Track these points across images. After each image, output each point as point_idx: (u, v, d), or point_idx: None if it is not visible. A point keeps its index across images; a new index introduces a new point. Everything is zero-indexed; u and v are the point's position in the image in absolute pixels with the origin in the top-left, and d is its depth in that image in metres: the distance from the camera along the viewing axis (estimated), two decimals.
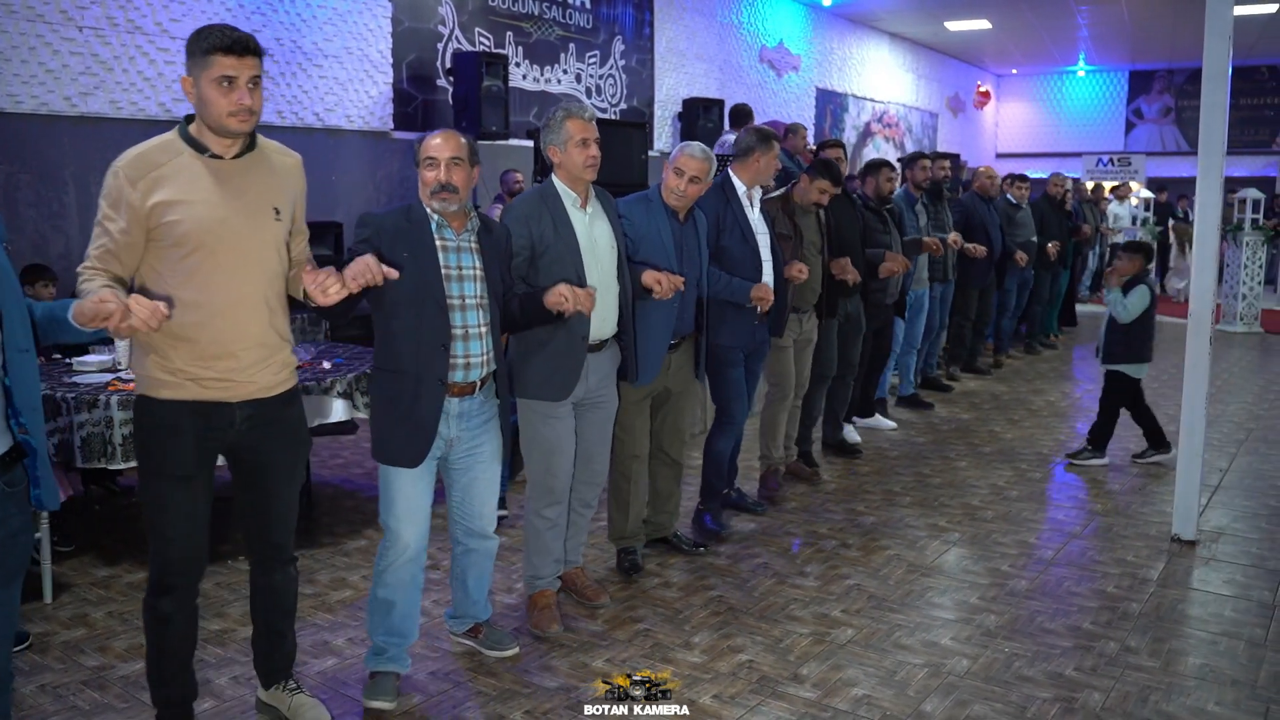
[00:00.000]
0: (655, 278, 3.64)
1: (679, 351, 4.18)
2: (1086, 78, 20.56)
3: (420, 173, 3.08)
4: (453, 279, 3.08)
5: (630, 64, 10.75)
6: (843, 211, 5.65)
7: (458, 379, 3.11)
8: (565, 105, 3.56)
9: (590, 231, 3.61)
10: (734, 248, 4.53)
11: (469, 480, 3.27)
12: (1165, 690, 3.32)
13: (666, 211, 4.05)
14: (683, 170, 4.00)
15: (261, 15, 7.10)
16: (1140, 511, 5.21)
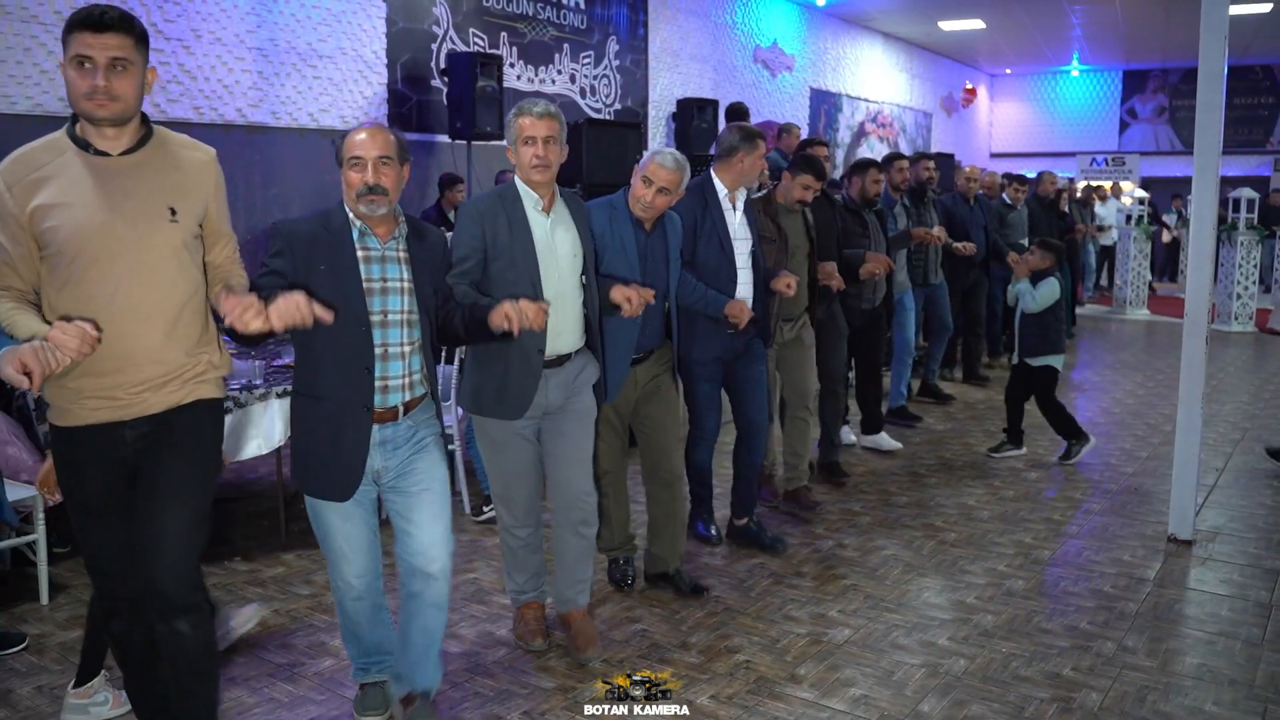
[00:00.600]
0: (625, 294, 3.30)
1: (645, 366, 3.91)
2: (1080, 77, 20.60)
3: (344, 174, 2.77)
4: (375, 293, 2.77)
5: (625, 64, 10.74)
6: (820, 213, 5.31)
7: (375, 404, 2.80)
8: (520, 102, 3.29)
9: (550, 237, 3.29)
10: (709, 256, 4.20)
11: (405, 509, 2.91)
12: (1163, 690, 3.32)
13: (632, 219, 3.74)
14: (651, 179, 3.67)
15: (256, 16, 7.08)
16: (1136, 511, 5.21)
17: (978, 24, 15.36)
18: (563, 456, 3.46)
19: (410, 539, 2.91)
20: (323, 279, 2.71)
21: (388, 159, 2.75)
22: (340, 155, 2.78)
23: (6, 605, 3.94)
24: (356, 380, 2.76)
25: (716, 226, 4.20)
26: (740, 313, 4.10)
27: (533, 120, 3.20)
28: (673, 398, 4.03)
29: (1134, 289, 13.61)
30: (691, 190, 4.09)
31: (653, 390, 3.95)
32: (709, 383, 4.33)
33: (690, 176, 3.83)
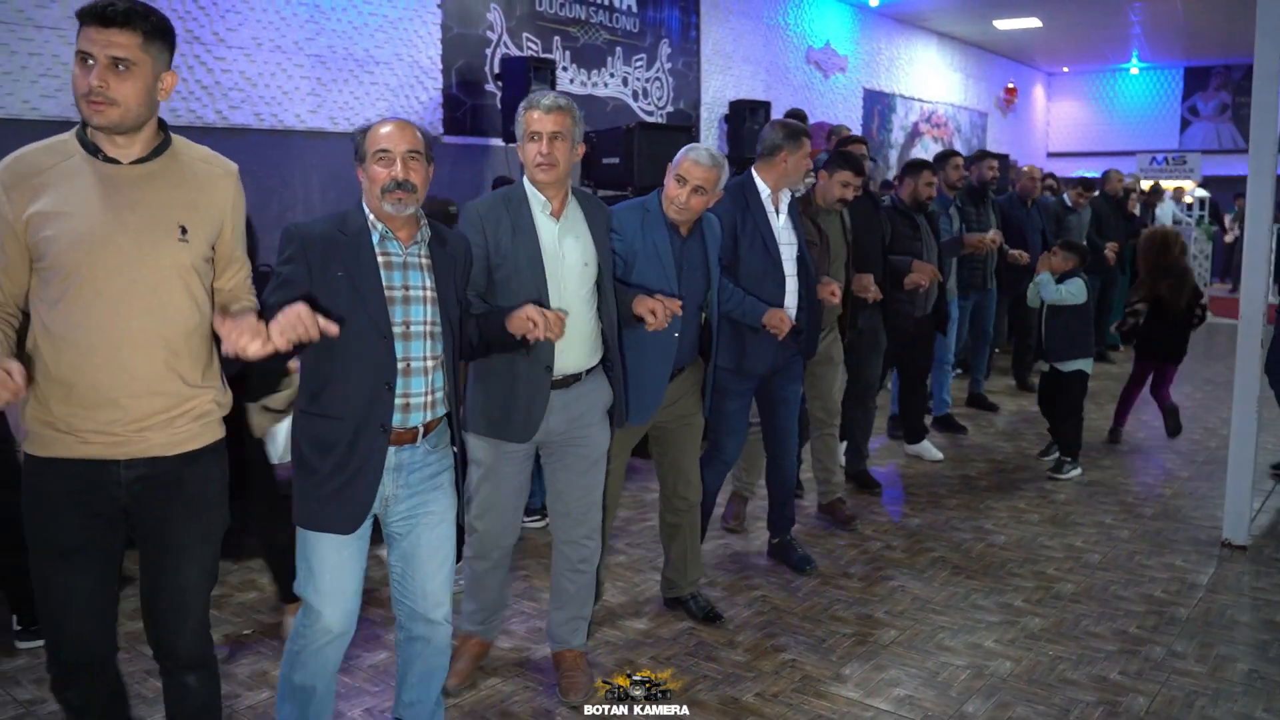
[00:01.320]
0: (649, 306, 3.07)
1: (674, 383, 3.59)
2: (1140, 75, 20.23)
3: (367, 168, 2.52)
4: (397, 301, 2.53)
5: (677, 67, 10.79)
6: (863, 215, 5.04)
7: (394, 423, 2.54)
8: (529, 95, 3.02)
9: (558, 244, 3.02)
10: (753, 260, 3.94)
11: (410, 549, 2.66)
12: (1211, 695, 3.30)
13: (666, 223, 3.45)
14: (685, 178, 3.40)
15: (315, 24, 7.25)
16: (1191, 515, 5.15)
17: (1034, 22, 15.18)
18: (563, 489, 3.22)
19: (412, 582, 2.68)
20: (340, 286, 2.48)
21: (416, 154, 2.52)
22: (362, 150, 2.54)
23: None
24: (376, 397, 2.50)
25: (760, 229, 3.95)
26: (780, 323, 3.79)
27: (540, 114, 2.95)
28: (698, 419, 3.75)
29: None
30: (731, 190, 3.87)
31: (679, 409, 3.66)
32: (739, 400, 4.06)
33: (730, 176, 3.66)
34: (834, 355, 4.82)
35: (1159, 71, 20.09)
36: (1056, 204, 8.59)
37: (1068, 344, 5.80)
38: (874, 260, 5.11)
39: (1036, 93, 20.60)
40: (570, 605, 3.33)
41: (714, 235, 3.67)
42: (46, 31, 5.87)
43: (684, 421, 3.70)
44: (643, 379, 3.42)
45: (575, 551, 3.28)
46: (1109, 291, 9.39)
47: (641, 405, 3.44)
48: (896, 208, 5.68)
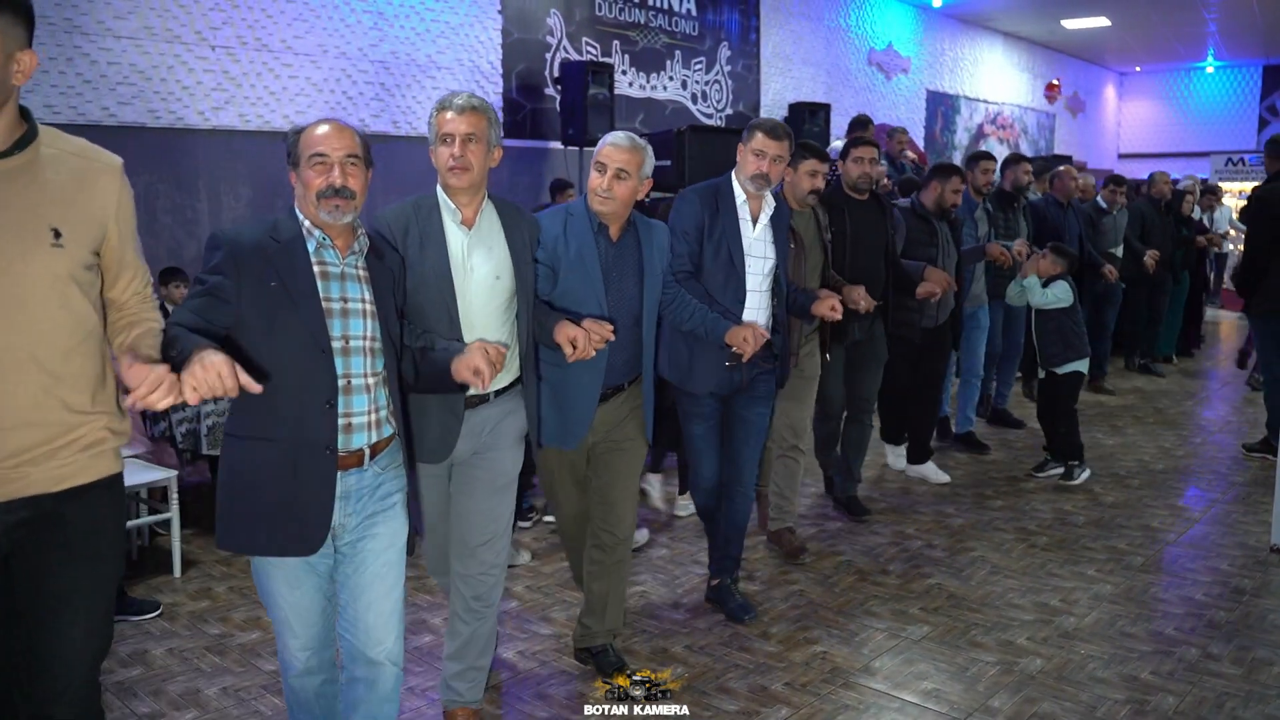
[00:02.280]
0: (569, 335, 2.81)
1: (611, 405, 3.28)
2: (1216, 74, 19.75)
3: (301, 173, 2.33)
4: (335, 314, 2.33)
5: (736, 69, 10.87)
6: (863, 217, 4.75)
7: (338, 445, 2.35)
8: (442, 96, 2.77)
9: (466, 256, 2.77)
10: (715, 269, 3.61)
11: (351, 575, 2.43)
12: (1243, 698, 3.30)
13: (593, 228, 3.15)
14: (605, 164, 3.10)
15: (378, 30, 7.48)
16: (1241, 520, 5.10)
17: (1103, 22, 14.95)
18: (464, 514, 2.91)
19: (356, 616, 2.44)
20: (275, 297, 2.27)
21: (355, 158, 2.34)
22: (295, 152, 2.35)
23: (143, 577, 4.32)
24: (317, 417, 2.30)
25: (727, 237, 3.62)
26: (745, 341, 3.40)
27: (452, 115, 2.71)
28: (637, 444, 3.39)
29: None
30: (701, 192, 3.66)
31: (615, 432, 3.34)
32: (704, 422, 3.75)
33: (653, 161, 3.24)
34: (807, 370, 4.47)
35: (1236, 70, 19.60)
36: (1090, 206, 8.08)
37: (1062, 346, 5.64)
38: (875, 267, 4.78)
39: (1108, 93, 20.24)
40: (467, 653, 2.98)
41: (658, 244, 3.34)
42: (124, 41, 6.15)
43: (618, 447, 3.34)
44: (568, 398, 3.18)
45: (471, 587, 2.93)
46: (1157, 300, 8.87)
47: (567, 427, 3.21)
48: (915, 211, 5.38)
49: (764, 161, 3.60)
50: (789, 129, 3.68)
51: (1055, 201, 7.21)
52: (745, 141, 3.65)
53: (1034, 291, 5.67)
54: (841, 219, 4.68)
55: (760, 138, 3.61)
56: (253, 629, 3.79)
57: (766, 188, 3.67)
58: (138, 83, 6.21)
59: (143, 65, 6.22)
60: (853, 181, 4.75)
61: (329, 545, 2.39)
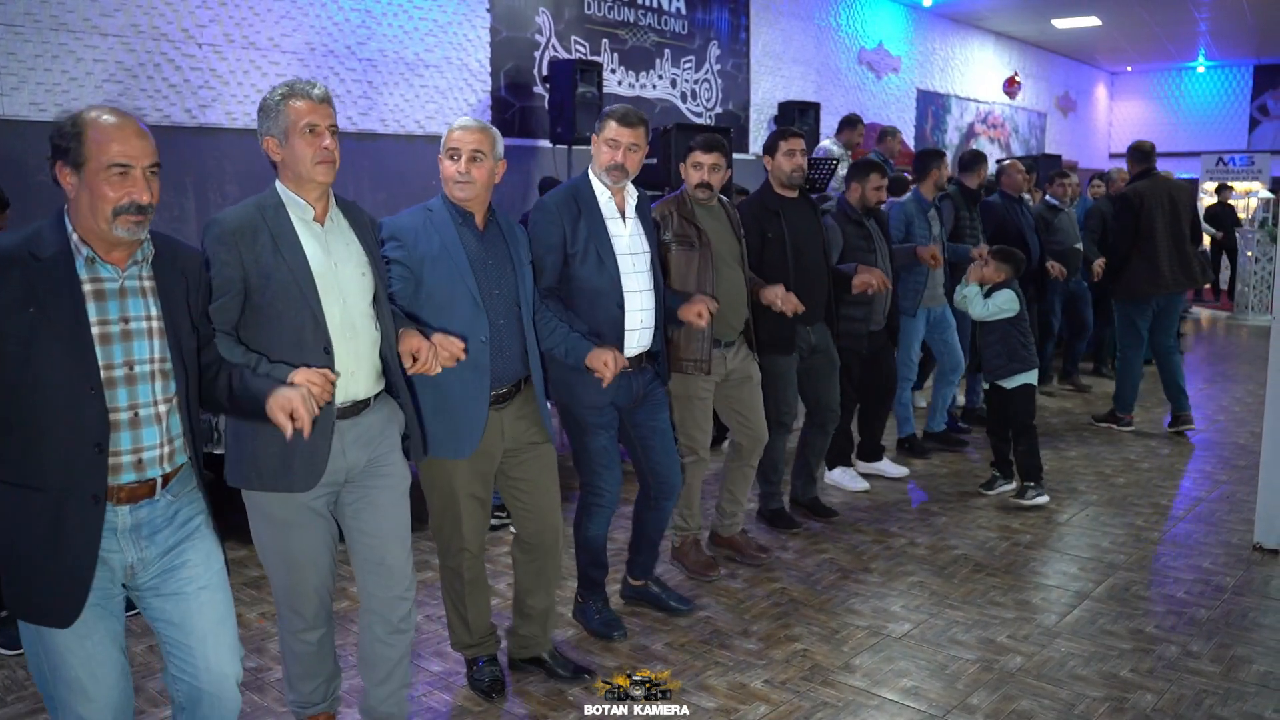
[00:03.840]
0: (412, 347, 2.64)
1: (512, 406, 3.14)
2: (1207, 74, 19.81)
3: (88, 179, 2.02)
4: (115, 339, 2.08)
5: (726, 68, 10.87)
6: (799, 218, 4.57)
7: (125, 480, 2.11)
8: (288, 83, 2.56)
9: (327, 254, 2.59)
10: (586, 278, 3.41)
11: (181, 618, 2.22)
12: (1222, 695, 3.31)
13: (456, 220, 3.02)
14: (458, 148, 3.00)
15: (366, 29, 7.46)
16: (1225, 519, 5.12)
17: (1093, 21, 14.97)
18: (376, 533, 2.72)
19: (190, 653, 2.22)
20: (31, 326, 1.99)
21: (158, 167, 2.11)
22: (78, 153, 2.03)
23: None
24: (83, 463, 2.04)
25: (594, 239, 3.42)
26: (605, 366, 3.24)
27: (311, 105, 2.53)
28: (550, 450, 3.26)
29: (1256, 293, 13.10)
30: (557, 200, 3.45)
31: (520, 435, 3.18)
32: (604, 433, 3.54)
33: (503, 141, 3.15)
34: (751, 372, 4.29)
35: (1227, 70, 19.67)
36: (1042, 205, 7.80)
37: (1006, 358, 5.23)
38: (819, 269, 4.66)
39: (1099, 93, 20.30)
40: (396, 674, 2.87)
41: (521, 236, 3.23)
42: (111, 39, 6.14)
43: (531, 454, 3.22)
44: (454, 403, 3.00)
45: (395, 610, 2.78)
46: None
47: (458, 434, 3.01)
48: (848, 215, 5.24)
49: (618, 151, 3.41)
50: (643, 115, 3.47)
51: (1007, 197, 6.98)
52: (598, 132, 3.47)
53: (974, 302, 5.27)
54: (777, 221, 4.49)
55: (613, 126, 3.42)
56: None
57: (625, 179, 3.48)
58: (124, 80, 6.19)
59: (129, 63, 6.21)
60: (785, 177, 4.51)
61: (117, 591, 2.18)
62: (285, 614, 2.78)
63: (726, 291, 4.03)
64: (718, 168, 3.97)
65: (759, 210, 4.49)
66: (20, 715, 3.16)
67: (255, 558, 4.41)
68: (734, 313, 4.14)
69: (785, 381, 4.59)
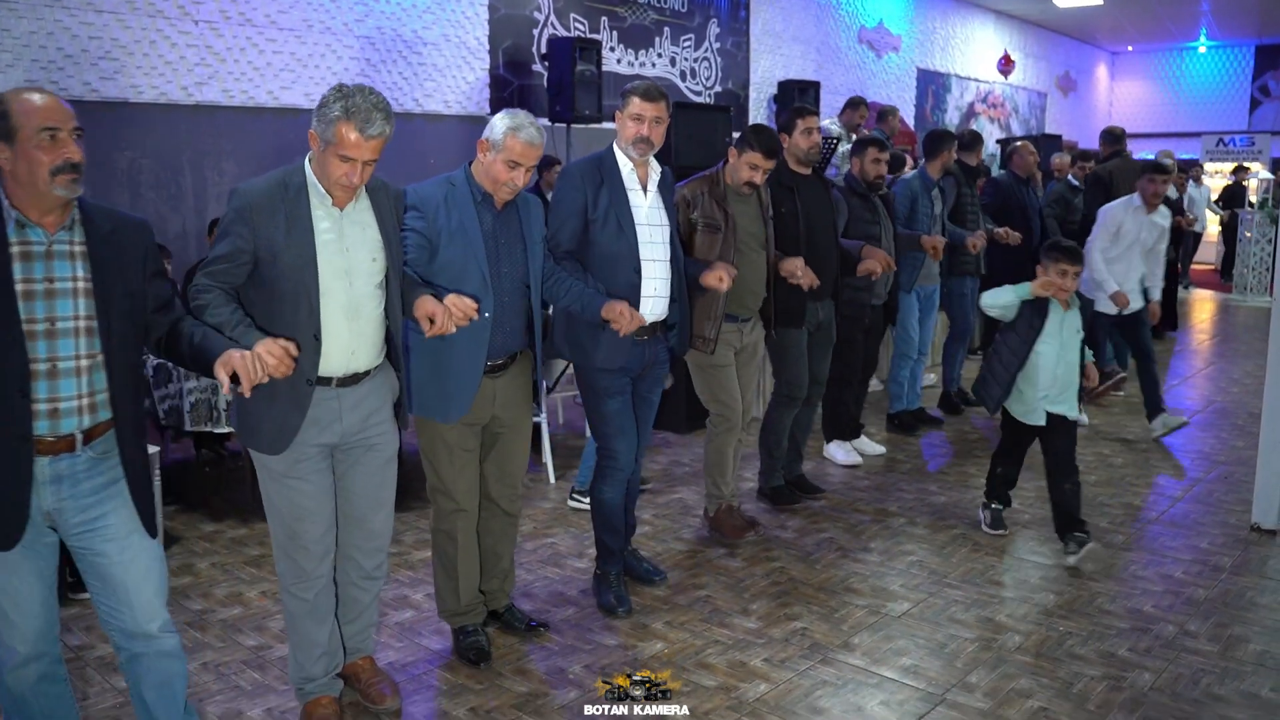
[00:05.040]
0: (428, 310, 2.74)
1: (506, 375, 3.27)
2: (1208, 54, 19.75)
3: (20, 147, 2.19)
4: (38, 296, 2.23)
5: (725, 47, 10.82)
6: (812, 194, 4.67)
7: (41, 431, 2.26)
8: (354, 98, 2.60)
9: (341, 239, 2.72)
10: (605, 243, 3.52)
11: (104, 568, 2.39)
12: (1219, 674, 3.32)
13: (476, 197, 3.13)
14: (519, 163, 3.08)
15: (364, 5, 7.41)
16: (1223, 500, 5.13)
17: (1095, 0, 14.91)
18: (362, 493, 2.93)
19: (118, 601, 2.41)
20: None
21: (81, 131, 2.26)
22: (7, 127, 2.20)
23: None
24: (8, 405, 2.22)
25: (615, 208, 3.53)
26: (620, 316, 3.33)
27: (360, 141, 2.62)
28: (529, 421, 3.44)
29: (1255, 274, 13.09)
30: (583, 166, 3.58)
31: (504, 410, 3.31)
32: (618, 397, 3.63)
33: None
34: (758, 350, 4.43)
35: (1228, 50, 19.60)
36: (1063, 185, 7.92)
37: None
38: (830, 245, 4.74)
39: (1100, 72, 20.23)
40: (365, 614, 3.13)
41: (535, 216, 3.30)
42: (106, 15, 6.10)
43: (513, 426, 3.37)
44: (451, 369, 3.14)
45: (370, 556, 3.03)
46: None
47: (449, 399, 3.15)
48: (854, 189, 5.35)
49: (643, 125, 3.52)
50: (663, 90, 3.60)
51: (1016, 178, 7.00)
52: (622, 108, 3.58)
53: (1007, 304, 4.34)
54: (791, 198, 4.59)
55: (637, 102, 3.54)
56: (234, 604, 3.79)
57: (650, 152, 3.59)
58: (120, 58, 6.16)
59: (125, 40, 6.17)
60: (803, 154, 4.65)
61: (47, 534, 2.36)
62: (283, 570, 2.92)
63: (746, 272, 4.15)
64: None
65: (775, 187, 4.52)
66: None
67: (255, 536, 4.47)
68: (751, 293, 4.25)
69: (795, 354, 4.68)
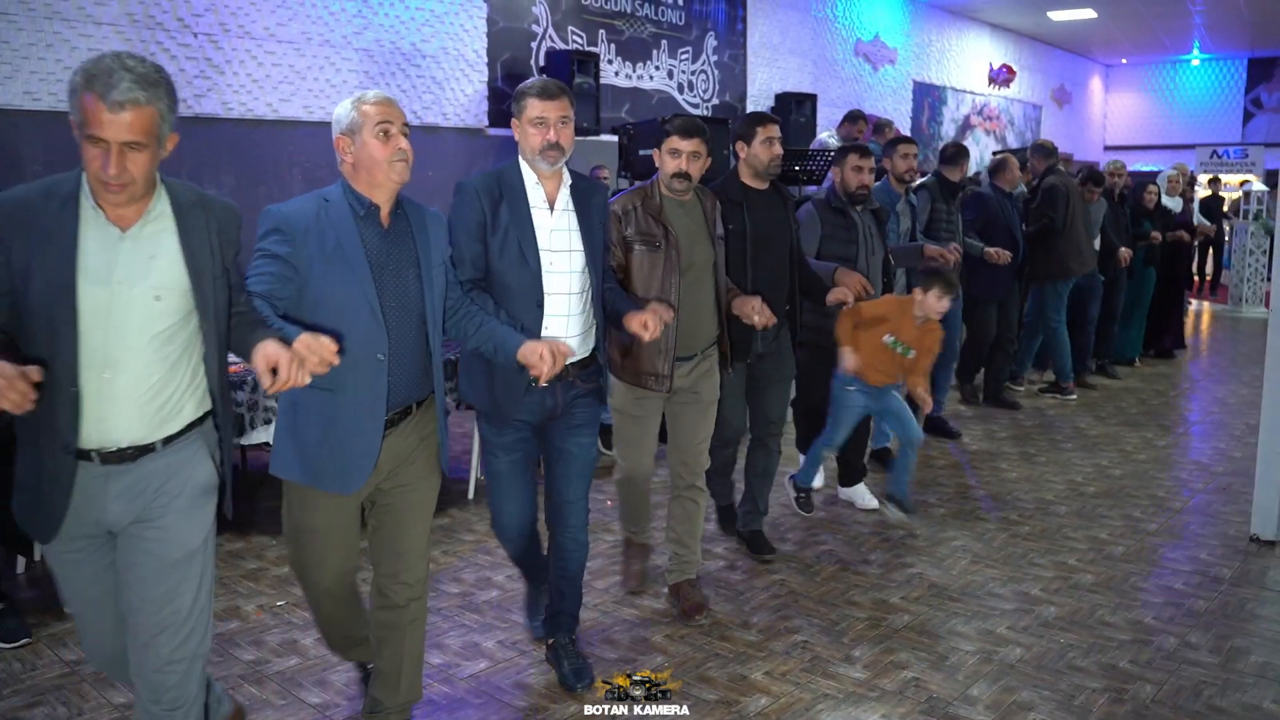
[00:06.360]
0: (269, 360, 2.10)
1: (400, 431, 2.68)
2: (1201, 66, 19.86)
3: None
4: None
5: (723, 59, 10.86)
6: (765, 210, 4.07)
7: None
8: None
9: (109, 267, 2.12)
10: (506, 270, 2.98)
11: None
12: (1220, 686, 3.32)
13: (357, 212, 2.57)
14: (387, 121, 2.54)
15: (363, 19, 7.44)
16: (1221, 510, 5.13)
17: (1089, 14, 15.00)
18: (132, 603, 2.26)
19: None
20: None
21: None
22: None
23: None
24: None
25: (515, 229, 2.99)
26: (541, 361, 2.70)
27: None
28: (431, 484, 2.82)
29: (1250, 286, 13.12)
30: (481, 180, 3.04)
31: (405, 474, 2.74)
32: (507, 455, 3.15)
33: None
34: (704, 392, 3.75)
35: (1221, 62, 19.71)
36: None
37: None
38: (782, 268, 4.14)
39: (1094, 85, 20.33)
40: None
41: (433, 231, 2.73)
42: (105, 27, 6.10)
43: (408, 488, 2.76)
44: (345, 428, 2.57)
45: (150, 688, 2.28)
46: (1112, 298, 8.22)
47: (347, 465, 2.58)
48: (830, 204, 4.74)
49: (548, 130, 2.96)
50: (563, 85, 3.06)
51: (1001, 192, 6.87)
52: (518, 114, 3.04)
53: None
54: (739, 214, 3.97)
55: (535, 103, 2.98)
56: (231, 619, 3.77)
57: (561, 160, 3.02)
58: None
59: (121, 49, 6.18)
60: (763, 167, 4.03)
61: None
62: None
63: (693, 300, 3.60)
64: (698, 155, 3.51)
65: (722, 203, 3.93)
66: (16, 709, 3.15)
67: (252, 550, 4.45)
68: (698, 327, 3.66)
69: (727, 390, 4.03)
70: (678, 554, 3.90)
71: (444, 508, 4.74)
